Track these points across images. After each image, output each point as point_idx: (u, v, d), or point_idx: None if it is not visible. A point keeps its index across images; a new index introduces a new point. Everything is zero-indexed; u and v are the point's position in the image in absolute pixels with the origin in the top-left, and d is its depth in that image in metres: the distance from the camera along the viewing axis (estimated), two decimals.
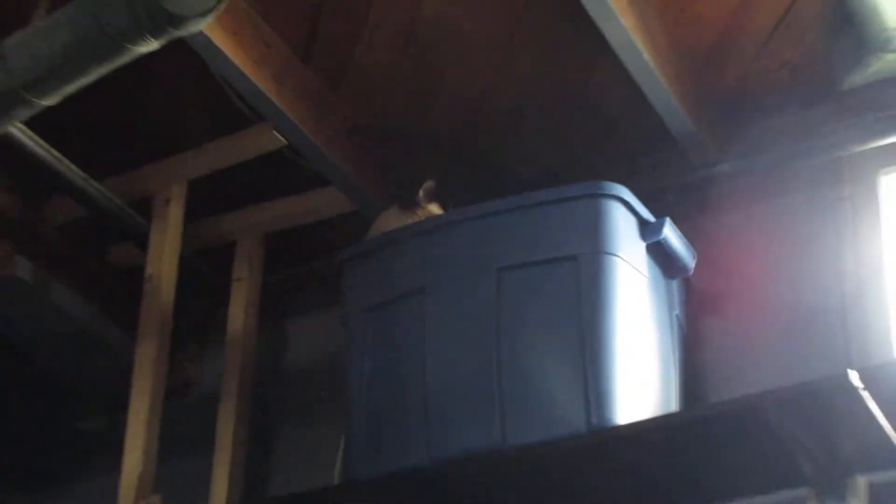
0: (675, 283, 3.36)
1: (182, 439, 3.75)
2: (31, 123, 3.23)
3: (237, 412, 3.73)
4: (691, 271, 3.36)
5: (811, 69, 3.47)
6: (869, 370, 2.79)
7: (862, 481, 2.99)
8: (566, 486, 3.16)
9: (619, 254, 3.11)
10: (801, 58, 3.47)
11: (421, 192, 3.49)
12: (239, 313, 3.85)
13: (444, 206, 3.51)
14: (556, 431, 2.95)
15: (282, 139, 3.59)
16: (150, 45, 2.67)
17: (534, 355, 3.09)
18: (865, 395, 2.75)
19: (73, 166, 3.60)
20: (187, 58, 3.25)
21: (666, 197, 3.41)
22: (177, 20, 2.60)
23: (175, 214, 3.80)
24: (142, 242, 3.82)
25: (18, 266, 3.66)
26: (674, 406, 3.20)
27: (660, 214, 3.22)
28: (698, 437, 2.99)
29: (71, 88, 2.78)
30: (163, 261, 3.75)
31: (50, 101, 2.81)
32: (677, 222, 3.26)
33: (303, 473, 3.71)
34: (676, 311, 3.35)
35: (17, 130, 3.32)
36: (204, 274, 3.94)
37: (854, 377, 2.73)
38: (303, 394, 3.93)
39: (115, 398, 3.70)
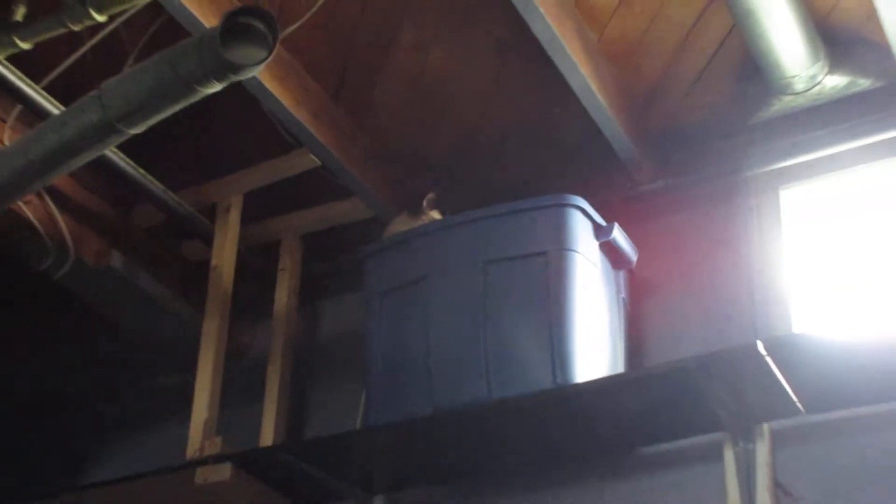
0: (621, 273, 3.38)
1: (238, 393, 3.72)
2: (121, 146, 3.24)
3: (281, 372, 3.72)
4: (634, 264, 3.40)
5: (727, 108, 3.49)
6: (771, 341, 2.84)
7: (766, 427, 3.05)
8: (537, 429, 3.20)
9: (578, 250, 3.16)
10: (719, 99, 3.50)
11: (425, 202, 3.52)
12: (283, 296, 3.83)
13: (442, 212, 3.53)
14: (529, 387, 3.01)
15: (317, 161, 3.58)
16: (215, 88, 2.69)
17: (512, 329, 3.13)
18: (769, 360, 2.81)
19: (154, 181, 3.59)
20: (244, 97, 3.23)
21: (615, 206, 3.39)
22: (236, 68, 2.63)
23: (234, 219, 3.80)
24: (208, 240, 3.81)
25: (113, 258, 3.67)
26: (620, 367, 3.23)
27: (610, 220, 3.27)
28: (639, 392, 3.05)
29: (153, 120, 2.79)
30: (224, 255, 3.75)
31: (137, 130, 2.82)
32: (623, 226, 3.31)
33: (332, 420, 3.68)
34: (622, 295, 3.37)
35: (111, 152, 3.34)
36: (256, 265, 3.95)
37: (760, 346, 2.80)
38: (332, 358, 3.92)
39: (186, 361, 3.71)
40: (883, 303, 3.17)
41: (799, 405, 2.94)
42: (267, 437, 3.59)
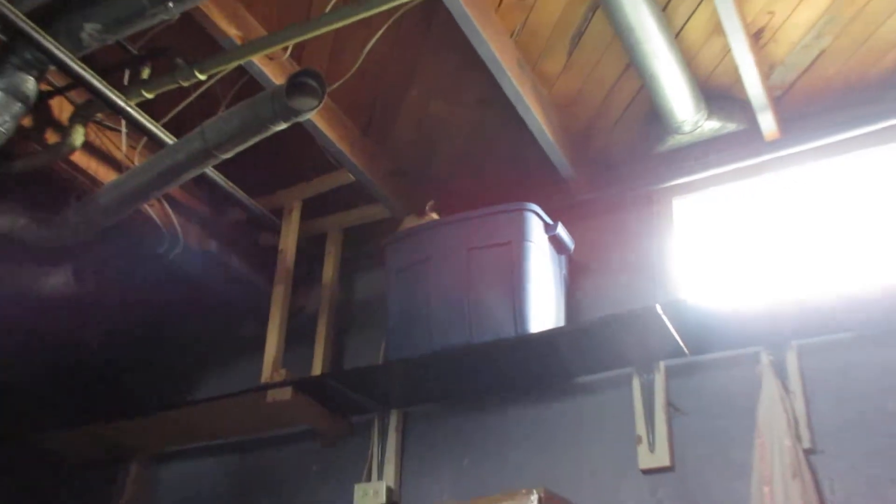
0: (563, 257, 3.37)
1: (296, 339, 3.68)
2: (217, 166, 3.24)
3: (327, 324, 3.69)
4: (572, 251, 3.40)
5: (638, 142, 3.46)
6: (665, 304, 2.91)
7: (661, 364, 3.10)
8: (503, 364, 3.23)
9: (533, 241, 3.19)
10: (632, 136, 3.48)
11: (427, 206, 3.54)
12: (328, 271, 3.80)
13: (439, 213, 3.52)
14: (498, 335, 3.05)
15: (352, 177, 3.57)
16: (281, 126, 2.74)
17: (486, 295, 3.14)
18: (664, 317, 2.89)
19: (239, 190, 3.57)
20: (302, 132, 3.22)
21: (559, 210, 3.34)
22: (296, 113, 2.67)
23: (295, 218, 3.78)
24: (276, 232, 3.80)
25: (210, 245, 3.67)
26: (561, 322, 3.24)
27: (555, 220, 3.30)
28: (574, 339, 3.10)
29: (238, 149, 2.82)
30: (288, 242, 3.74)
31: (227, 155, 2.86)
32: (565, 224, 3.35)
33: (363, 357, 3.69)
34: (564, 272, 3.37)
35: (210, 171, 3.33)
36: (309, 250, 3.94)
37: (658, 308, 2.88)
38: (362, 315, 3.86)
39: (260, 317, 3.73)
40: (740, 278, 3.19)
41: (684, 349, 3.01)
42: (317, 369, 3.57)
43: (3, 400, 4.52)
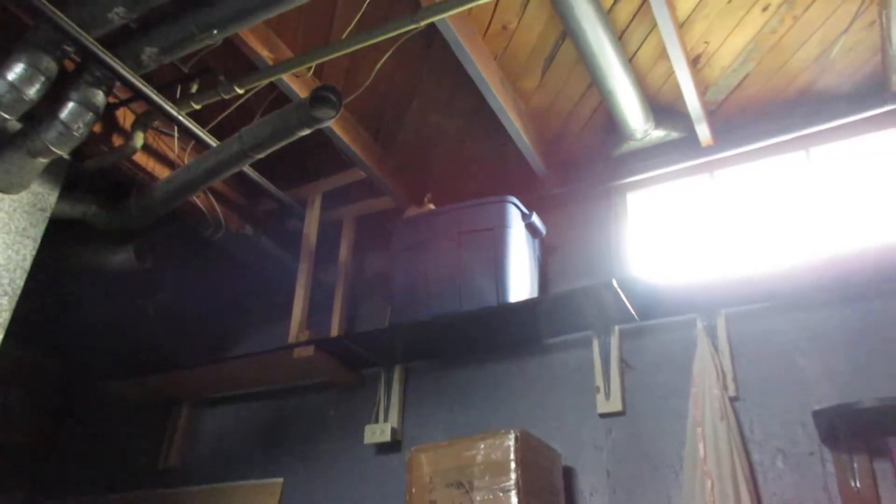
0: (536, 241, 3.37)
1: (318, 306, 3.67)
2: (252, 165, 3.25)
3: (342, 295, 3.69)
4: (544, 235, 3.40)
5: (599, 147, 3.48)
6: (620, 279, 2.92)
7: (616, 328, 3.11)
8: (487, 328, 3.23)
9: (512, 227, 3.20)
10: (594, 142, 3.49)
11: (425, 199, 3.54)
12: (344, 251, 3.80)
13: (435, 204, 3.50)
14: (483, 304, 3.06)
15: (363, 174, 3.57)
16: (305, 132, 2.73)
17: (473, 271, 3.14)
18: (619, 290, 2.88)
19: (270, 184, 3.53)
20: (322, 137, 3.25)
21: (534, 202, 3.36)
22: (318, 121, 2.67)
23: (316, 207, 3.77)
24: (301, 219, 3.78)
25: (246, 229, 3.68)
26: (535, 293, 3.25)
27: (531, 210, 3.30)
28: (545, 308, 3.10)
29: (270, 150, 2.82)
30: (310, 228, 3.73)
31: (261, 155, 2.85)
32: (539, 214, 3.35)
33: (372, 322, 3.69)
34: (537, 253, 3.37)
35: (247, 169, 3.31)
36: (328, 234, 3.93)
37: (614, 282, 2.87)
38: (373, 287, 3.84)
39: (287, 288, 3.73)
40: (681, 258, 3.22)
41: (635, 315, 3.03)
42: (334, 331, 3.58)
43: (75, 355, 4.57)
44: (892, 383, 2.51)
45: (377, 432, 3.33)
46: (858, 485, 2.42)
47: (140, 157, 3.14)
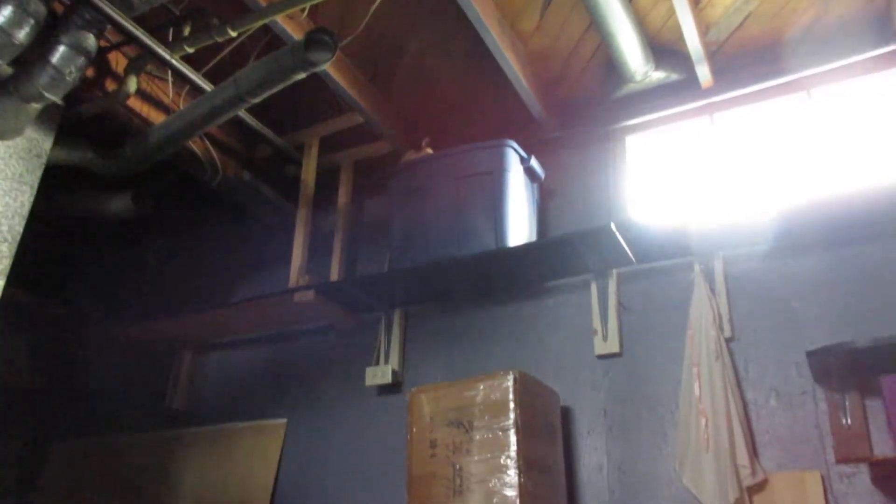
0: (535, 185, 3.35)
1: (317, 251, 3.65)
2: (248, 109, 3.21)
3: (342, 240, 3.65)
4: (542, 179, 3.38)
5: (598, 89, 3.44)
6: (618, 223, 2.92)
7: (614, 272, 3.11)
8: (486, 271, 3.23)
9: (511, 171, 3.18)
10: (593, 84, 3.45)
11: (423, 143, 3.49)
12: (343, 197, 3.75)
13: (433, 149, 3.45)
14: (482, 248, 3.05)
15: (360, 119, 3.51)
16: (301, 75, 2.68)
17: (472, 216, 3.13)
18: (617, 234, 2.88)
19: (268, 129, 3.52)
20: (319, 82, 3.19)
21: (532, 146, 3.30)
22: (313, 64, 2.63)
23: (314, 152, 3.72)
24: (299, 165, 3.72)
25: (244, 175, 3.66)
26: (533, 237, 3.24)
27: (529, 153, 3.27)
28: (544, 251, 3.10)
29: (265, 95, 2.77)
30: (308, 173, 3.69)
31: (256, 100, 2.81)
32: (537, 158, 3.32)
33: (372, 266, 3.70)
34: (536, 197, 3.35)
35: (243, 113, 3.29)
36: (326, 180, 3.90)
37: (612, 226, 2.87)
38: (371, 233, 3.82)
39: (287, 233, 3.73)
40: (679, 201, 3.20)
41: (633, 259, 3.04)
42: (334, 276, 3.57)
43: (79, 301, 4.59)
44: (885, 324, 2.53)
45: (378, 374, 3.37)
46: (849, 421, 2.46)
47: (134, 103, 3.10)
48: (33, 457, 4.25)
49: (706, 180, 3.18)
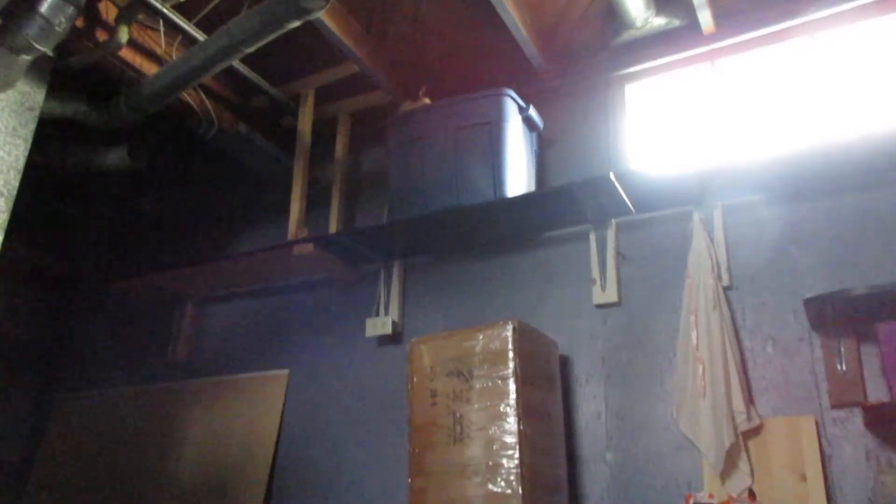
0: (534, 134, 3.33)
1: (315, 204, 3.68)
2: (243, 59, 3.18)
3: (340, 192, 3.67)
4: (541, 129, 3.36)
5: (597, 37, 3.37)
6: (617, 173, 2.90)
7: (613, 221, 3.11)
8: (485, 223, 3.23)
9: (509, 120, 3.15)
10: (592, 31, 3.38)
11: (420, 93, 3.46)
12: (340, 148, 3.73)
13: (430, 99, 3.43)
14: (481, 199, 3.04)
15: (356, 68, 3.44)
16: (295, 24, 2.63)
17: (470, 166, 3.11)
18: (616, 183, 2.87)
19: (263, 80, 3.52)
20: (314, 31, 3.11)
21: (531, 95, 3.28)
22: (307, 12, 2.57)
23: (310, 104, 3.68)
24: (295, 116, 3.71)
25: (240, 126, 3.63)
26: (532, 187, 3.22)
27: (527, 103, 3.24)
28: (543, 202, 3.09)
29: (260, 44, 2.73)
30: (304, 124, 3.67)
31: (250, 49, 2.76)
32: (535, 107, 3.29)
33: (370, 218, 3.68)
34: (534, 147, 3.33)
35: (237, 63, 3.28)
36: (323, 130, 3.87)
37: (612, 175, 2.86)
38: (369, 184, 3.81)
39: (285, 186, 3.71)
40: (679, 150, 3.17)
41: (631, 208, 3.03)
42: (332, 228, 3.59)
43: (80, 255, 4.60)
44: (882, 271, 2.54)
45: (378, 325, 3.39)
46: (844, 367, 2.50)
47: (127, 54, 3.06)
48: (40, 409, 4.32)
49: (707, 128, 3.15)
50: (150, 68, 3.14)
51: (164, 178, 4.45)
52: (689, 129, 3.21)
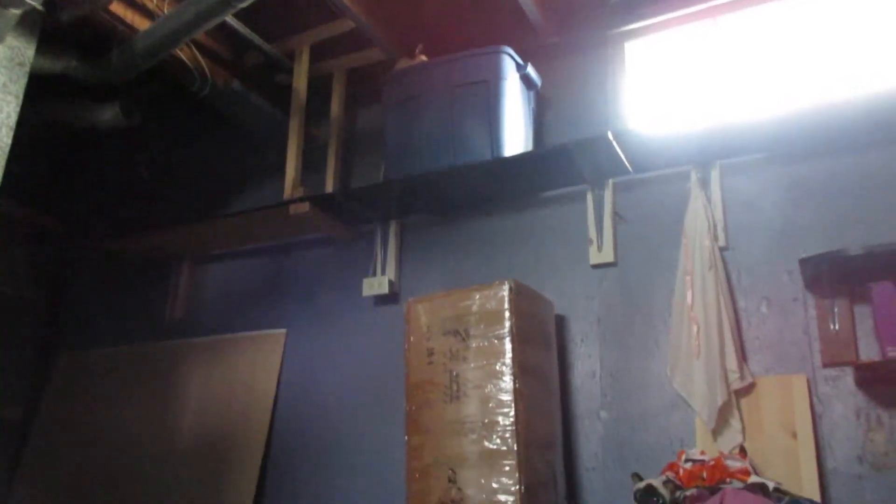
0: (531, 93, 3.28)
1: (311, 162, 3.65)
2: (236, 15, 3.14)
3: (336, 151, 3.64)
4: (539, 87, 3.32)
5: None
6: (615, 132, 2.88)
7: (611, 181, 3.11)
8: (482, 183, 3.22)
9: (507, 79, 3.12)
10: None
11: (417, 50, 3.39)
12: (336, 106, 3.69)
13: (427, 57, 3.36)
14: (478, 158, 3.03)
15: (352, 24, 3.38)
16: None
17: (468, 125, 3.09)
18: (614, 143, 2.86)
19: (257, 36, 3.46)
20: None
21: (529, 53, 3.22)
22: None
23: (305, 60, 3.65)
24: (290, 73, 3.67)
25: (234, 83, 3.57)
26: (529, 147, 3.18)
27: (525, 61, 3.20)
28: (540, 161, 3.08)
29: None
30: (300, 82, 3.63)
31: (244, 4, 2.71)
32: (533, 65, 3.26)
33: (367, 178, 3.64)
34: (532, 105, 3.28)
35: (230, 19, 3.22)
36: (319, 88, 3.83)
37: (609, 135, 2.84)
38: (365, 143, 3.76)
39: (280, 145, 3.69)
40: (678, 109, 3.15)
41: (629, 168, 3.01)
42: (329, 188, 3.57)
43: (75, 214, 4.58)
44: (879, 232, 2.55)
45: (375, 285, 3.40)
46: (837, 327, 2.52)
47: (118, 8, 3.00)
48: (39, 367, 4.35)
49: (707, 87, 3.12)
50: (141, 23, 3.09)
51: (161, 137, 4.41)
52: (689, 87, 3.18)
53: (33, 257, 4.45)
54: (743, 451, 2.49)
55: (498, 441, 2.42)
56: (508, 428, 2.41)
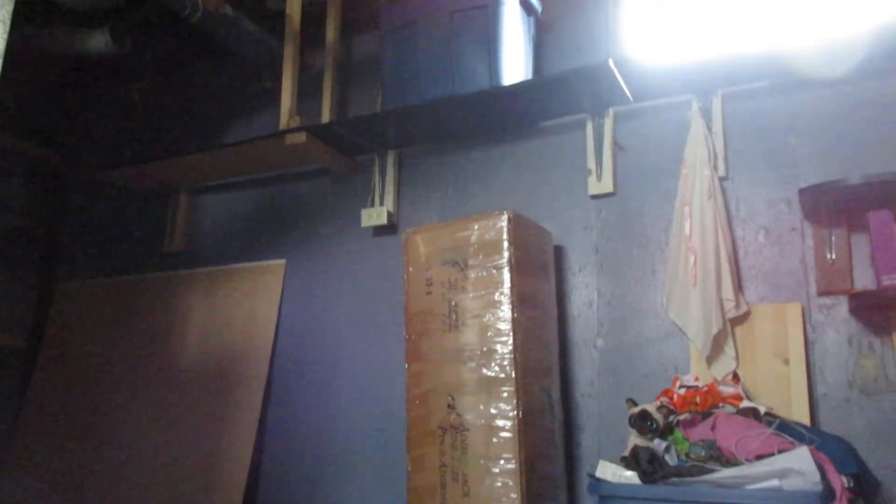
0: (531, 19, 3.18)
1: (307, 92, 3.56)
2: None
3: (332, 79, 3.53)
4: (539, 12, 3.22)
5: None
6: (616, 60, 2.82)
7: (611, 111, 3.08)
8: (481, 112, 3.17)
9: (506, 4, 3.03)
10: None
11: None
12: (331, 34, 3.56)
13: None
14: (476, 87, 2.98)
15: None
16: None
17: (466, 52, 3.03)
18: (615, 71, 2.81)
19: None
20: None
21: None
22: None
23: None
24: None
25: (226, 8, 3.46)
26: (529, 75, 3.10)
27: None
28: (539, 90, 3.02)
29: None
30: (293, 7, 3.46)
31: None
32: None
33: (364, 107, 3.56)
34: (532, 32, 3.15)
35: None
36: (313, 13, 3.72)
37: (611, 62, 2.80)
38: (362, 72, 3.65)
39: (275, 73, 3.61)
40: (679, 36, 3.07)
41: (630, 97, 2.97)
42: (325, 117, 3.51)
43: (71, 145, 4.54)
44: (879, 161, 2.54)
45: (373, 216, 3.41)
46: (834, 256, 2.54)
47: None
48: (41, 297, 4.39)
49: (709, 14, 3.03)
50: None
51: (154, 66, 4.31)
52: (691, 14, 3.08)
53: (31, 189, 4.43)
54: (736, 377, 2.54)
55: (497, 368, 2.46)
56: (507, 356, 2.45)
